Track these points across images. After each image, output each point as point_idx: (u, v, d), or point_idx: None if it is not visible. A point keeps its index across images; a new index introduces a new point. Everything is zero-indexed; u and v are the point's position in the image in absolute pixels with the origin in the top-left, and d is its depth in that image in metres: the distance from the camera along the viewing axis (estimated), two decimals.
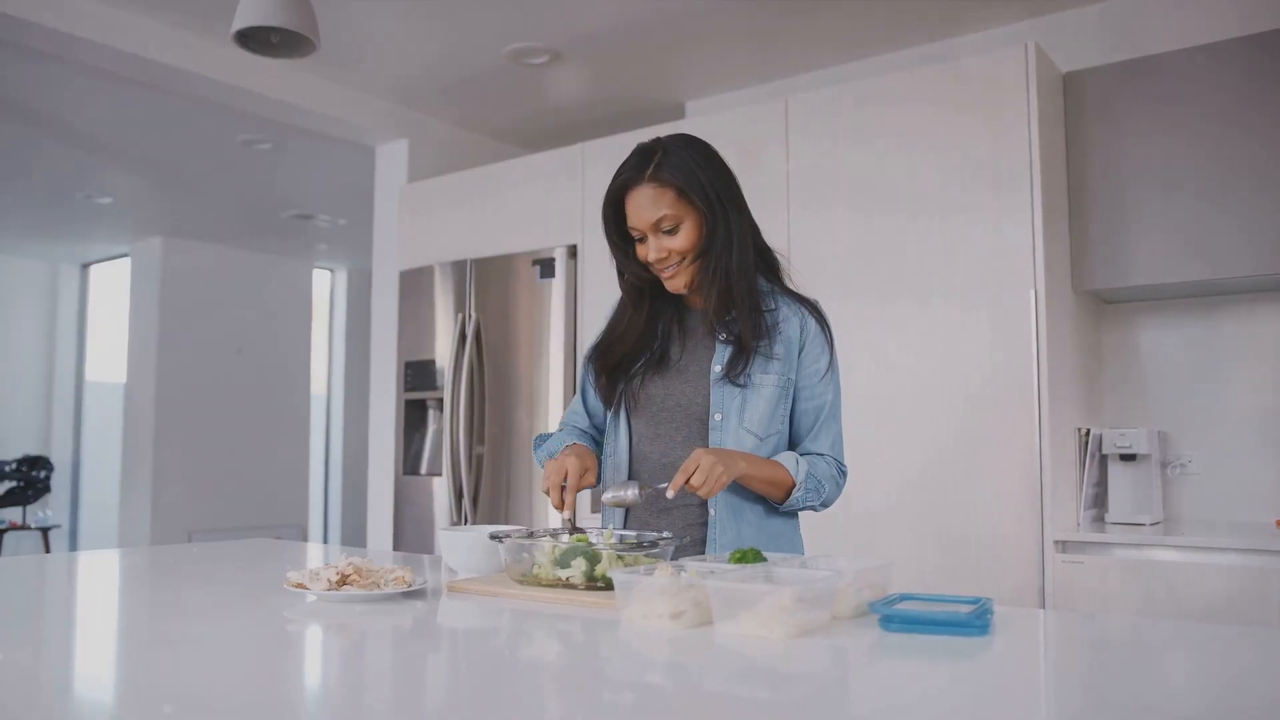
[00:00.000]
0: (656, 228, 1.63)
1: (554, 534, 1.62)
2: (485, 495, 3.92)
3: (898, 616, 1.21)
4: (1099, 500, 3.01)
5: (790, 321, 1.69)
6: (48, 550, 7.31)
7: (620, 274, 1.75)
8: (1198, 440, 3.09)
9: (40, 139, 4.95)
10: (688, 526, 1.69)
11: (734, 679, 1.07)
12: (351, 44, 3.81)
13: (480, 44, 3.81)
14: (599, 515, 1.70)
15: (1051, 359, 2.77)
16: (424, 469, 4.18)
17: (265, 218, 6.64)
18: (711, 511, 1.67)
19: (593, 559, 1.46)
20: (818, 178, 3.20)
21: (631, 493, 1.61)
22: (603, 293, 3.70)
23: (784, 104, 3.31)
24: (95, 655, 1.23)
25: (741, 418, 1.66)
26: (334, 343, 8.57)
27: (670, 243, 1.64)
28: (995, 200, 2.85)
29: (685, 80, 4.16)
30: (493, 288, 3.96)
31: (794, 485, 1.64)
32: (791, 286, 1.76)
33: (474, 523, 3.89)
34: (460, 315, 4.03)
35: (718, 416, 1.66)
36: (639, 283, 1.73)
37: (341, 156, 5.00)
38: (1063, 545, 2.71)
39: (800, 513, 1.76)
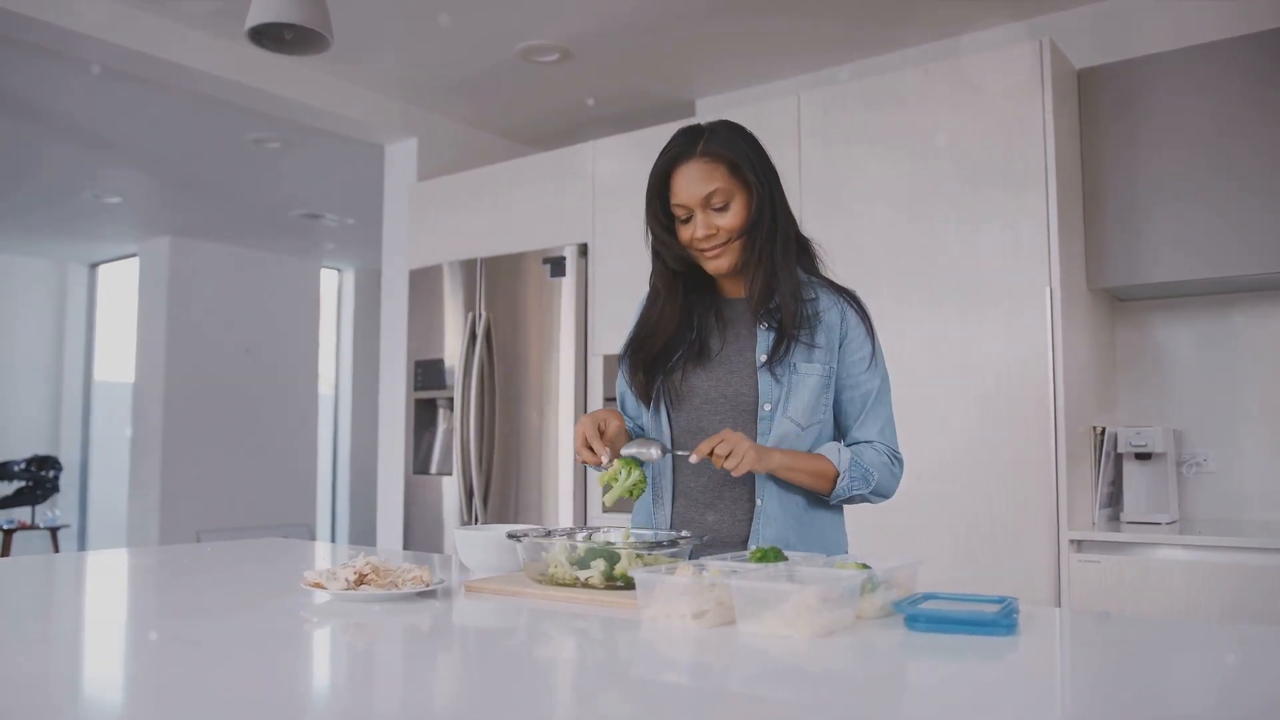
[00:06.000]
0: (706, 203, 1.61)
1: (570, 534, 1.60)
2: (495, 494, 3.90)
3: (924, 616, 1.19)
4: (1114, 499, 2.99)
5: (830, 311, 1.67)
6: (56, 550, 7.31)
7: (656, 260, 1.70)
8: (1214, 438, 3.07)
9: (48, 138, 4.95)
10: (735, 521, 1.65)
11: (759, 679, 1.05)
12: (361, 42, 3.80)
13: (490, 42, 3.80)
14: (612, 515, 1.66)
15: (1067, 357, 2.74)
16: (434, 468, 4.17)
17: (274, 217, 6.64)
18: (759, 503, 1.63)
19: (612, 559, 1.44)
20: (830, 177, 3.18)
21: (654, 451, 1.59)
22: (613, 291, 3.68)
23: (795, 102, 3.28)
24: (106, 655, 1.21)
25: (785, 406, 1.62)
26: (342, 342, 8.57)
27: (719, 220, 1.61)
28: (1009, 197, 2.83)
29: (695, 78, 4.15)
30: (503, 286, 3.95)
31: (838, 475, 1.61)
32: (830, 277, 1.74)
33: (484, 522, 3.88)
34: (470, 314, 4.02)
35: (767, 407, 1.63)
36: (678, 267, 1.69)
37: (350, 155, 4.99)
38: (1078, 544, 2.68)
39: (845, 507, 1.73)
